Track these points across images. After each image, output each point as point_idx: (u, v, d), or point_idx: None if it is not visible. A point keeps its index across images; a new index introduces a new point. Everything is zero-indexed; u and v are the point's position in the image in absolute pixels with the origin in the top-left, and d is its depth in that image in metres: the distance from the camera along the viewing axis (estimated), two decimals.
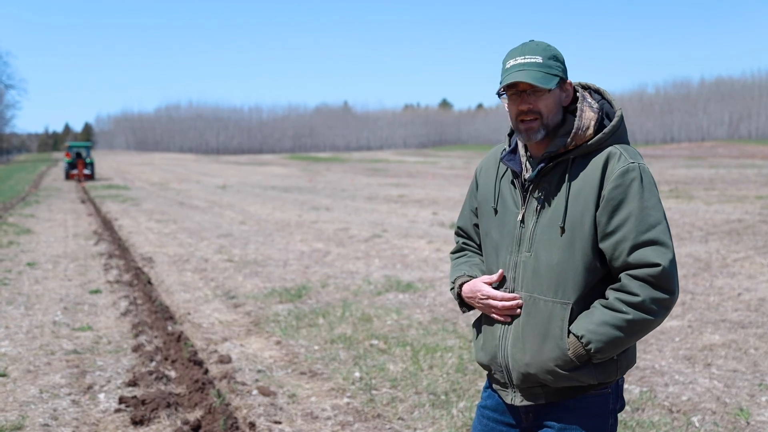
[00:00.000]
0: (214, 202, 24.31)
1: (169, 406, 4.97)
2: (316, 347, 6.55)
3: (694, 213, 16.91)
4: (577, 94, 2.28)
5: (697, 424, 4.64)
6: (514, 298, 2.23)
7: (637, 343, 6.21)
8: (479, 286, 2.30)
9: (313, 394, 5.35)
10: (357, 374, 5.73)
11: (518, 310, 2.23)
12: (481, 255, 2.46)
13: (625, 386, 5.35)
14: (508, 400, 2.29)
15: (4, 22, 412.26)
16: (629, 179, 2.10)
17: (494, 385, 2.37)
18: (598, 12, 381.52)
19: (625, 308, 2.06)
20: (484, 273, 2.38)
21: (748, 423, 4.67)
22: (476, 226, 2.48)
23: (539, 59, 2.16)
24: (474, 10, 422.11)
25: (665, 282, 2.06)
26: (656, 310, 2.07)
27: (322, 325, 7.30)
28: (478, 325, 2.39)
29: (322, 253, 12.34)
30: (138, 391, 5.36)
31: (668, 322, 7.13)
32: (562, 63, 2.23)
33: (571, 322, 2.14)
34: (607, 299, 2.12)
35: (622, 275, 2.11)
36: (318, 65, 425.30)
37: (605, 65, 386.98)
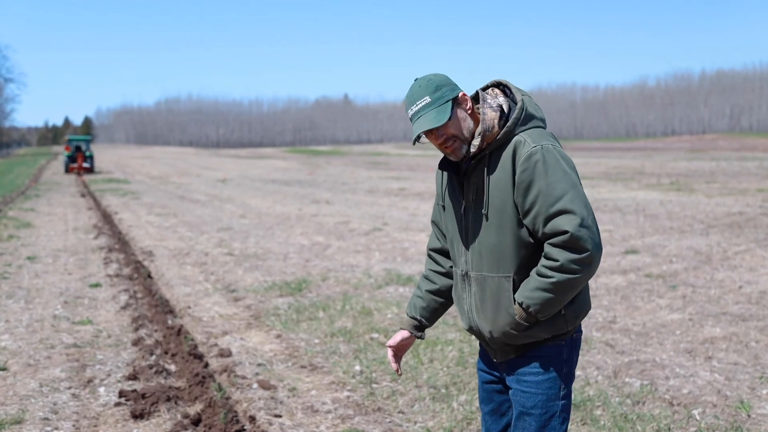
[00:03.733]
0: (214, 196, 24.29)
1: (169, 399, 4.96)
2: (317, 341, 6.54)
3: (695, 206, 16.89)
4: (478, 96, 2.59)
5: (697, 417, 4.63)
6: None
7: (638, 336, 6.17)
8: (396, 337, 2.87)
9: (314, 388, 5.35)
10: (357, 368, 5.73)
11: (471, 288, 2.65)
12: (437, 281, 2.86)
13: (626, 379, 5.34)
14: (492, 358, 2.71)
15: (4, 16, 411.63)
16: (533, 161, 2.41)
17: (481, 344, 2.79)
18: (599, 4, 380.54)
19: (549, 273, 2.40)
20: (425, 309, 2.85)
21: (749, 416, 4.66)
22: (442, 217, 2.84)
23: (427, 99, 2.47)
24: (475, 3, 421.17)
25: (577, 244, 2.37)
26: (576, 269, 2.38)
27: (323, 318, 7.29)
28: (454, 298, 2.79)
29: (323, 246, 12.33)
30: (138, 385, 5.36)
31: (669, 315, 7.12)
32: (447, 84, 2.51)
33: (515, 291, 2.52)
34: (538, 267, 2.46)
35: (545, 244, 2.45)
36: (318, 58, 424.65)
37: (606, 58, 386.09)
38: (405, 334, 2.86)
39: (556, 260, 2.40)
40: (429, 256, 2.94)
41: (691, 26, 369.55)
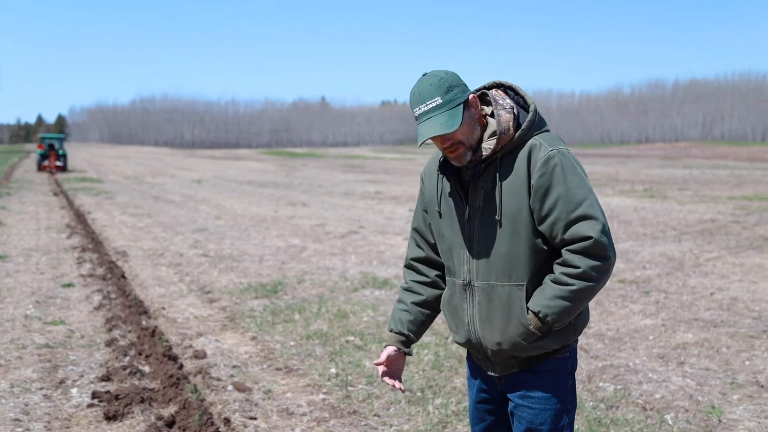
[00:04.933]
0: (189, 197, 24.13)
1: (143, 401, 4.92)
2: (292, 343, 6.52)
3: (668, 213, 17.08)
4: (488, 98, 2.49)
5: (670, 422, 4.68)
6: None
7: (611, 341, 6.23)
8: (382, 355, 2.67)
9: (289, 390, 5.33)
10: (333, 370, 5.72)
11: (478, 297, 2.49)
12: (422, 292, 2.71)
13: (600, 384, 5.39)
14: (488, 372, 2.59)
15: None
16: (552, 165, 2.34)
17: (475, 359, 2.67)
18: (575, 10, 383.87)
19: (570, 280, 2.33)
20: (412, 322, 2.69)
21: (720, 420, 4.72)
22: (430, 225, 2.68)
23: (438, 100, 2.34)
24: (453, 7, 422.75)
25: (599, 250, 2.32)
26: (597, 276, 2.33)
27: (298, 320, 7.27)
28: (446, 309, 2.64)
29: (299, 248, 12.29)
30: (111, 386, 5.31)
31: (642, 321, 7.20)
32: (459, 84, 2.38)
33: (527, 299, 2.41)
34: (555, 274, 2.38)
35: (563, 251, 2.37)
36: (296, 60, 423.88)
37: (581, 64, 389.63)
38: (391, 350, 2.67)
39: (577, 267, 2.32)
40: (410, 266, 2.77)
41: (665, 35, 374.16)
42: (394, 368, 2.70)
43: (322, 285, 9.12)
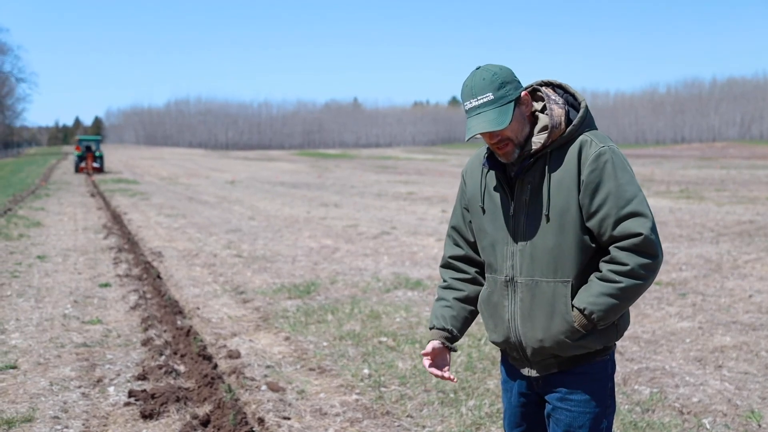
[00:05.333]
0: (223, 198, 24.34)
1: (178, 400, 4.97)
2: (325, 343, 6.54)
3: (705, 214, 16.83)
4: (540, 93, 2.50)
5: (708, 426, 4.61)
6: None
7: (647, 344, 6.16)
8: (424, 361, 2.64)
9: (322, 391, 5.35)
10: (366, 371, 5.73)
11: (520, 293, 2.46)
12: (463, 288, 2.70)
13: (635, 387, 5.32)
14: (525, 373, 2.55)
15: (16, 16, 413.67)
16: (603, 162, 2.34)
17: (510, 360, 2.63)
18: (609, 10, 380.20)
19: (617, 278, 2.31)
20: (455, 318, 2.65)
21: (759, 425, 4.64)
22: (470, 223, 2.67)
23: (490, 96, 2.34)
24: (486, 8, 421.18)
25: (649, 248, 2.30)
26: (645, 275, 2.31)
27: (331, 321, 7.30)
28: (484, 307, 2.61)
29: (331, 249, 12.33)
30: (147, 385, 5.37)
31: (678, 323, 7.10)
32: (512, 81, 2.38)
33: (572, 296, 2.39)
34: (601, 272, 2.36)
35: (611, 248, 2.35)
36: (328, 61, 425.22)
37: (616, 64, 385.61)
38: (436, 344, 2.64)
39: (626, 264, 2.31)
40: (448, 265, 2.75)
41: (702, 33, 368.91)
42: (439, 362, 2.67)
43: (354, 286, 9.14)
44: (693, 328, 6.94)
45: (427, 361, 2.64)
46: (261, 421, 4.71)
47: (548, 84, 2.54)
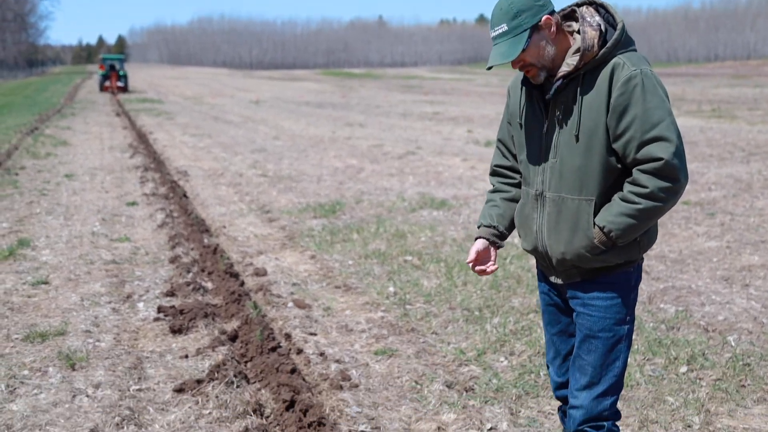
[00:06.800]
0: (248, 117, 24.28)
1: (206, 316, 5.06)
2: (351, 262, 6.58)
3: (737, 133, 16.51)
4: (576, 14, 2.52)
5: (732, 344, 4.61)
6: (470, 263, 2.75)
7: (674, 263, 6.13)
8: (471, 253, 2.76)
9: (348, 308, 5.41)
10: (391, 289, 5.77)
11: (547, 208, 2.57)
12: (510, 189, 2.82)
13: (661, 305, 5.32)
14: (552, 280, 2.71)
15: None
16: (632, 85, 2.36)
17: (540, 267, 2.79)
18: None
19: (636, 199, 2.38)
20: (502, 216, 2.79)
21: None
22: (512, 137, 2.77)
23: (504, 27, 2.41)
24: None
25: (670, 172, 2.34)
26: (664, 197, 2.37)
27: (357, 240, 7.32)
28: (518, 218, 2.75)
29: (356, 169, 12.31)
30: (176, 301, 5.46)
31: (706, 243, 7.04)
32: (530, 8, 2.40)
33: (595, 214, 2.48)
34: (623, 192, 2.43)
35: (634, 170, 2.41)
36: None
37: None
38: (480, 244, 2.76)
39: (645, 187, 2.37)
40: (495, 173, 2.89)
41: None
42: (483, 261, 2.79)
43: (380, 205, 9.14)
44: (720, 248, 6.88)
45: (471, 264, 2.77)
46: (288, 336, 4.78)
47: (591, 3, 2.55)
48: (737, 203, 8.91)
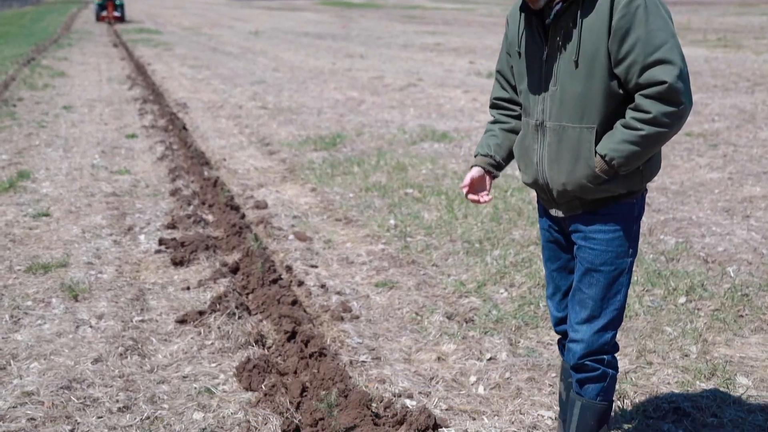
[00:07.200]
0: (246, 48, 23.94)
1: (207, 248, 5.07)
2: (351, 195, 6.57)
3: (742, 63, 16.28)
4: None
5: (732, 274, 4.63)
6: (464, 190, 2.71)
7: (675, 195, 6.11)
8: (465, 178, 2.71)
9: (348, 240, 5.42)
10: (392, 222, 5.77)
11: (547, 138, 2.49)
12: (510, 121, 2.75)
13: (661, 237, 5.33)
14: (552, 213, 2.64)
15: None
16: (634, 7, 2.28)
17: (540, 201, 2.73)
18: None
19: (639, 125, 2.31)
20: (500, 146, 2.73)
21: None
22: (512, 68, 2.68)
23: None
24: None
25: (673, 96, 2.27)
26: (668, 122, 2.29)
27: (357, 173, 7.30)
28: (517, 150, 2.68)
29: (357, 101, 12.19)
30: (177, 234, 5.47)
31: (708, 174, 7.02)
32: None
33: (597, 142, 2.41)
34: (625, 119, 2.36)
35: (636, 95, 2.33)
36: None
37: None
38: (475, 171, 2.71)
39: (648, 112, 2.29)
40: (494, 105, 2.82)
41: None
42: (478, 189, 2.75)
43: (380, 138, 9.08)
44: (722, 179, 6.86)
45: (465, 190, 2.73)
46: (289, 269, 4.81)
47: None
48: (740, 134, 8.85)
